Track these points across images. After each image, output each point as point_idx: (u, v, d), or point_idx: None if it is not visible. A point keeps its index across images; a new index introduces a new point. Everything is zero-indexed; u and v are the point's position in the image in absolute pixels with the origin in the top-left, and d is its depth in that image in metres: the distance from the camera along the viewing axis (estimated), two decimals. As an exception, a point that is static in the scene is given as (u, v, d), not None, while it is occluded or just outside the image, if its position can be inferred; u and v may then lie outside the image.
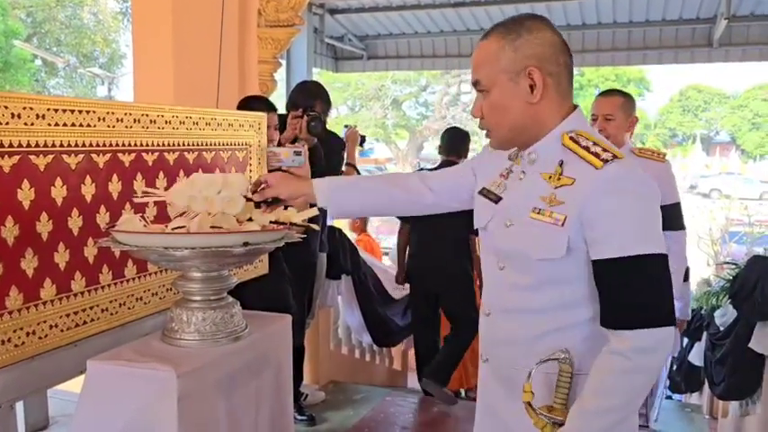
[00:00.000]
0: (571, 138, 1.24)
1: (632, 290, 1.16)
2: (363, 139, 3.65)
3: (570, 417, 1.19)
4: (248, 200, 1.60)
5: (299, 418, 3.22)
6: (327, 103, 3.22)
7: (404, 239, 4.04)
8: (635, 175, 1.21)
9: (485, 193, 1.39)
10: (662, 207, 2.79)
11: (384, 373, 5.02)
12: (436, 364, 3.73)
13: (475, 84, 1.31)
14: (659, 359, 1.16)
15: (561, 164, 1.24)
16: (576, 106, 1.30)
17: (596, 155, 1.20)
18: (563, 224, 1.20)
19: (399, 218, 4.09)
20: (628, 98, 2.73)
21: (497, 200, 1.35)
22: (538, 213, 1.23)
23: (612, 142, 2.57)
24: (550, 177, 1.25)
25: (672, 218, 2.66)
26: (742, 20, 6.27)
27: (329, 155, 3.11)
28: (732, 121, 31.51)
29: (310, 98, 3.13)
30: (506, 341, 1.33)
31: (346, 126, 3.62)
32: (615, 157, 1.20)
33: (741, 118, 31.17)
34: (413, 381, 5.32)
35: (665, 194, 2.59)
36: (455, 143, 3.85)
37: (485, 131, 1.36)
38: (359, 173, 3.58)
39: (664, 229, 2.87)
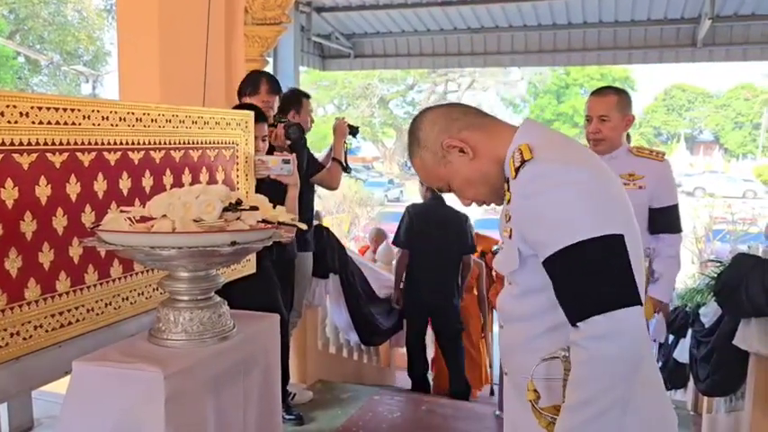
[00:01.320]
0: (513, 157, 1.26)
1: (573, 281, 1.15)
2: (356, 130, 3.53)
3: (559, 415, 1.19)
4: None
5: (287, 417, 3.21)
6: (271, 85, 3.04)
7: (402, 265, 4.45)
8: (544, 169, 1.20)
9: None
10: (660, 209, 2.70)
11: (372, 371, 5.02)
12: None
13: (439, 190, 1.43)
14: (619, 343, 1.10)
15: (508, 182, 1.29)
16: (513, 128, 1.32)
17: (513, 166, 1.24)
18: (510, 236, 1.27)
19: (396, 244, 4.50)
20: (622, 95, 2.63)
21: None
22: (504, 232, 1.32)
23: (609, 144, 2.61)
24: (507, 200, 1.31)
25: (669, 220, 2.71)
26: (726, 20, 6.33)
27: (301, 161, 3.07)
28: (715, 120, 31.84)
29: (251, 83, 3.01)
30: (512, 349, 1.36)
31: (337, 119, 3.55)
32: (524, 160, 1.21)
33: (724, 117, 31.51)
34: (400, 379, 5.34)
35: (662, 195, 2.66)
36: None
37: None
38: (345, 169, 3.47)
39: (660, 231, 2.75)
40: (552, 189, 1.17)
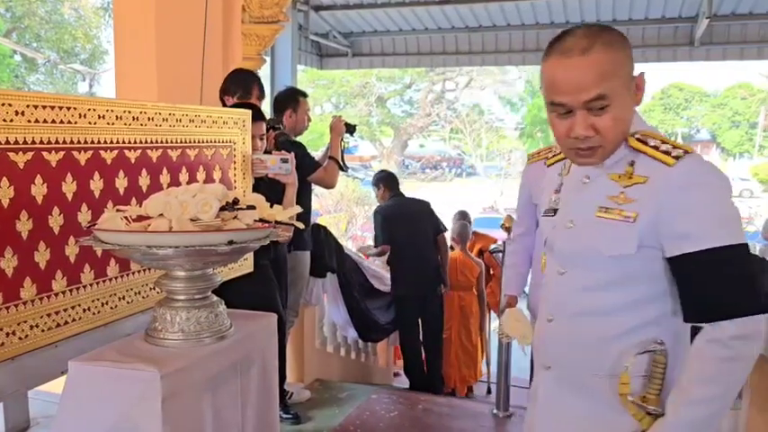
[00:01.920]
0: (638, 139, 1.25)
1: (722, 280, 1.16)
2: (354, 128, 3.52)
3: (672, 407, 1.19)
4: None
5: (285, 416, 3.21)
6: (261, 91, 3.07)
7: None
8: (708, 167, 1.21)
9: (545, 213, 1.44)
10: None
11: (370, 370, 5.02)
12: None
13: (592, 100, 1.20)
14: (758, 346, 1.17)
15: (632, 164, 1.25)
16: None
17: (667, 152, 1.21)
18: (634, 220, 1.21)
19: (378, 244, 4.72)
20: None
21: (555, 212, 1.39)
22: (605, 212, 1.25)
23: None
24: (620, 177, 1.26)
25: None
26: (723, 19, 6.35)
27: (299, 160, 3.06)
28: (712, 119, 31.89)
29: (242, 85, 2.99)
30: (574, 346, 1.32)
31: (334, 117, 3.53)
32: (686, 152, 1.21)
33: (721, 116, 31.56)
34: (398, 378, 5.34)
35: None
36: (395, 181, 4.80)
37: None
38: (342, 167, 3.46)
39: None
40: (712, 188, 1.19)
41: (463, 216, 5.49)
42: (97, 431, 1.48)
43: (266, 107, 3.16)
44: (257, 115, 2.55)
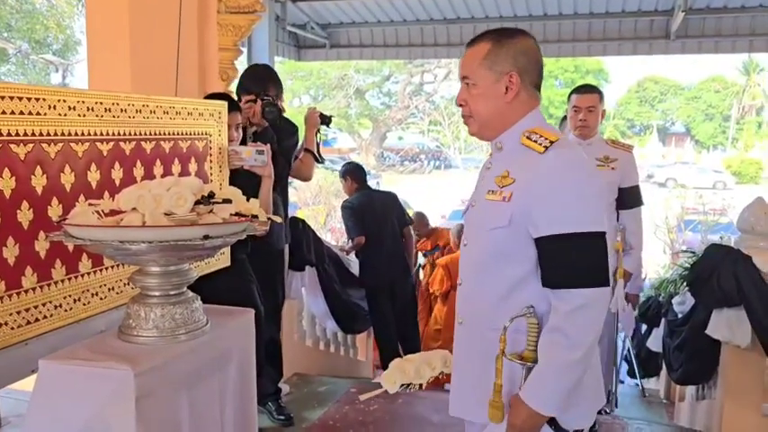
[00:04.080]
0: (527, 137, 1.49)
1: (565, 261, 1.40)
2: (329, 119, 3.45)
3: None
4: None
5: (277, 417, 3.18)
6: (279, 87, 3.09)
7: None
8: (572, 157, 1.45)
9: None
10: (624, 189, 3.32)
11: (349, 364, 5.01)
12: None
13: (464, 77, 1.55)
14: (594, 313, 1.40)
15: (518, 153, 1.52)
16: (536, 107, 1.56)
17: (538, 142, 1.46)
18: (508, 200, 1.46)
19: (351, 237, 4.76)
20: (601, 92, 3.25)
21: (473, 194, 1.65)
22: (491, 194, 1.51)
23: (591, 130, 3.17)
24: (507, 164, 1.52)
25: (635, 196, 3.33)
26: (698, 13, 6.41)
27: (282, 139, 3.02)
28: (687, 112, 32.33)
29: (262, 82, 3.01)
30: (474, 305, 1.58)
31: (309, 109, 3.46)
32: (551, 141, 1.44)
33: (695, 109, 32.02)
34: (380, 372, 5.33)
35: (630, 177, 3.25)
36: (364, 175, 4.81)
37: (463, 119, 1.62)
38: (318, 159, 3.40)
39: (625, 207, 3.36)
40: (569, 180, 1.41)
41: None
42: (69, 431, 1.44)
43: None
44: (232, 105, 2.51)
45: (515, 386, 1.47)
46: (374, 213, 4.63)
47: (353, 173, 4.75)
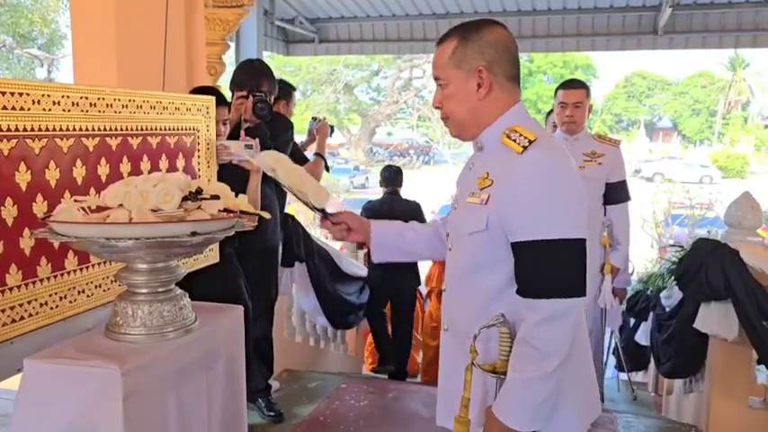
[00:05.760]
0: (507, 135, 1.40)
1: (538, 267, 1.33)
2: (332, 129, 3.77)
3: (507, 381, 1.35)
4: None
5: (268, 413, 3.17)
6: (273, 83, 3.07)
7: None
8: (550, 158, 1.36)
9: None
10: (611, 184, 3.33)
11: (339, 360, 5.00)
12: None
13: (436, 78, 1.48)
14: (564, 324, 1.32)
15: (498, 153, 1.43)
16: (517, 101, 1.47)
17: (517, 141, 1.37)
18: (486, 203, 1.39)
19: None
20: (588, 88, 3.26)
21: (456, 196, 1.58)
22: (471, 196, 1.44)
23: (578, 126, 3.17)
24: (487, 166, 1.44)
25: (622, 191, 3.32)
26: (685, 8, 6.44)
27: (276, 135, 3.00)
28: (674, 107, 32.56)
29: (255, 78, 2.98)
30: (458, 311, 1.53)
31: (314, 119, 3.67)
32: (530, 141, 1.35)
33: (682, 104, 32.25)
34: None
35: (617, 172, 3.27)
36: (392, 177, 4.74)
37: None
38: (327, 164, 3.55)
39: (612, 202, 3.38)
40: (545, 185, 1.33)
41: None
42: (56, 430, 1.42)
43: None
44: (220, 100, 2.49)
45: (491, 398, 1.42)
46: (387, 217, 4.60)
47: (383, 174, 4.82)
